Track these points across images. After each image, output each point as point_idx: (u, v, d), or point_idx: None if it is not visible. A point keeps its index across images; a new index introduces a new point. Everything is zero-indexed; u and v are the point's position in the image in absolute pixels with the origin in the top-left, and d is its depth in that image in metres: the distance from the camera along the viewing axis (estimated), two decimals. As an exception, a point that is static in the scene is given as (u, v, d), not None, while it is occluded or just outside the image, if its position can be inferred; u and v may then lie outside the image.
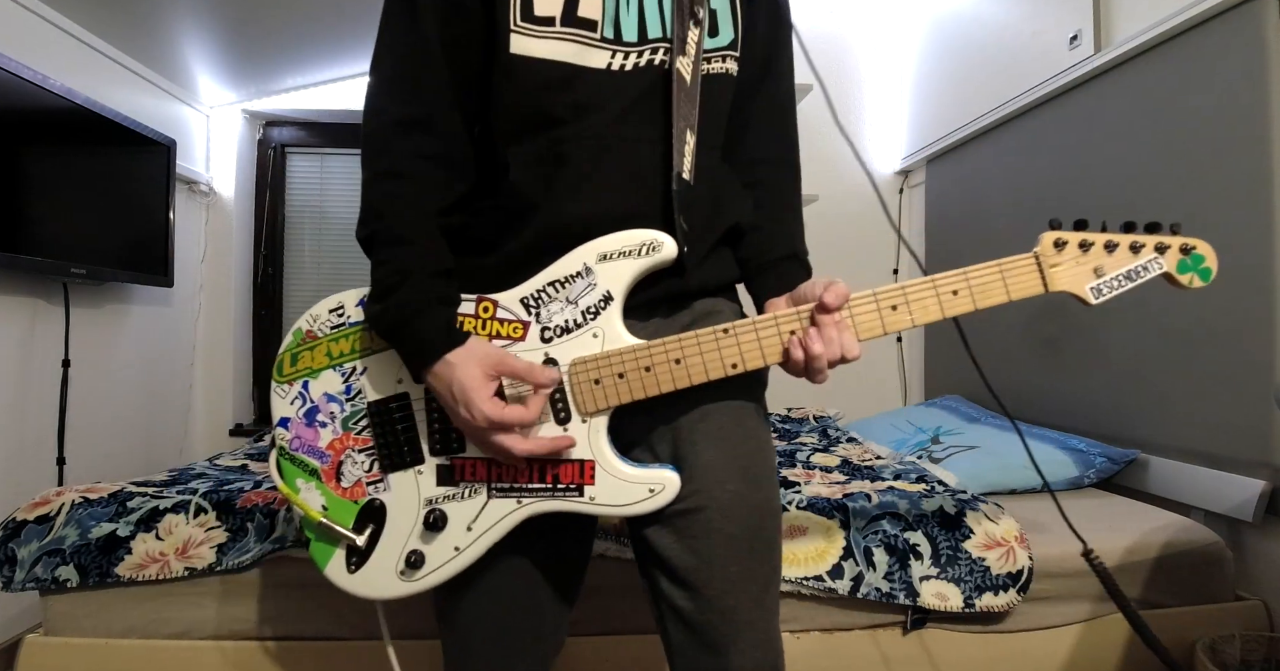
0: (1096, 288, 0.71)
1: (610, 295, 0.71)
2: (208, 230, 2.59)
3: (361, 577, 0.74)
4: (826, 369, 0.69)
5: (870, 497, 1.29)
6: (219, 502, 1.25)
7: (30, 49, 1.70)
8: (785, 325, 0.70)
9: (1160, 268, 0.72)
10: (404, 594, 0.73)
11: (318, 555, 0.75)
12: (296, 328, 0.77)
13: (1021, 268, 0.72)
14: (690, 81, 0.74)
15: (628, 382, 0.70)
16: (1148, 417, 1.57)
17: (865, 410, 2.58)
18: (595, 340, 0.71)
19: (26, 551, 1.18)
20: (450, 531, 0.72)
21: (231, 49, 2.26)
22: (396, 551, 0.73)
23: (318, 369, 0.76)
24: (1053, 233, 0.72)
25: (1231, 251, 1.37)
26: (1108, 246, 0.71)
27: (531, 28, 0.71)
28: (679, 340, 0.70)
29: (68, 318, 1.84)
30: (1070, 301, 0.73)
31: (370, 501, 0.74)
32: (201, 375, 2.56)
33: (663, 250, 0.70)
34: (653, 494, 0.70)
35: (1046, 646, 1.25)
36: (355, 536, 0.73)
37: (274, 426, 0.77)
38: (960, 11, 2.41)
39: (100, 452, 1.99)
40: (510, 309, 0.72)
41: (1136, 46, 1.58)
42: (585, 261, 0.71)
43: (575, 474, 0.71)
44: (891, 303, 0.71)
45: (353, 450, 0.75)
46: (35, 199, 1.68)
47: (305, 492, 0.75)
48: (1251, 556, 1.33)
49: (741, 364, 0.71)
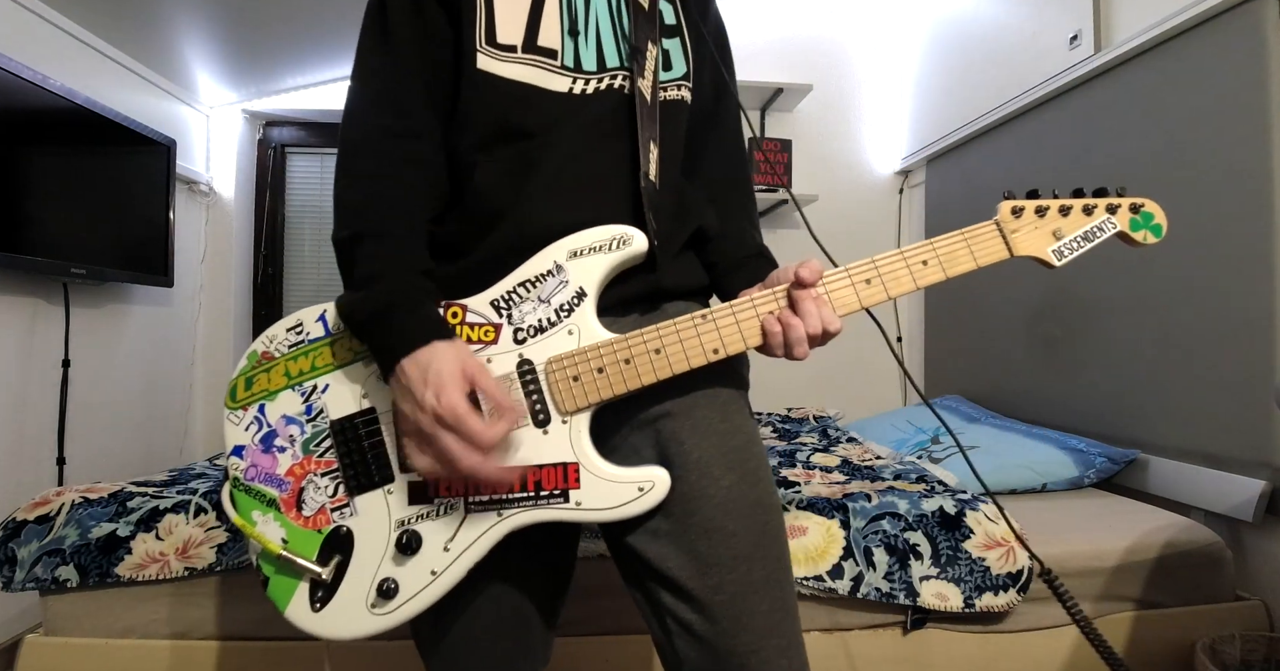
0: (1058, 250, 0.74)
1: (583, 291, 0.69)
2: (208, 230, 2.59)
3: (329, 615, 0.67)
4: (806, 343, 0.68)
5: (870, 497, 1.29)
6: (219, 502, 1.24)
7: (30, 49, 1.70)
8: (763, 306, 0.70)
9: (1114, 227, 0.75)
10: (376, 629, 0.67)
11: (277, 594, 0.68)
12: (251, 350, 0.73)
13: (984, 234, 0.74)
14: (650, 102, 0.76)
15: (608, 377, 0.68)
16: (1148, 417, 1.57)
17: (865, 410, 2.58)
18: (571, 337, 0.69)
19: (26, 551, 1.18)
20: (425, 553, 0.67)
21: (231, 49, 2.26)
22: (366, 581, 0.67)
23: (275, 390, 0.71)
24: (1009, 201, 0.75)
25: (1231, 251, 1.38)
26: (1062, 210, 0.74)
27: (494, 51, 0.73)
28: (657, 330, 0.69)
29: (68, 318, 1.84)
30: (1070, 301, 0.73)
31: (335, 529, 0.68)
32: (201, 375, 2.56)
33: (633, 243, 0.70)
34: (642, 493, 0.67)
35: (1046, 646, 1.25)
36: (319, 568, 0.67)
37: (227, 457, 0.71)
38: (960, 12, 2.41)
39: (100, 452, 1.99)
40: (480, 312, 0.70)
41: (1136, 46, 1.58)
42: (555, 259, 0.70)
43: (559, 478, 0.67)
44: (865, 277, 0.71)
45: (315, 474, 0.70)
46: (35, 199, 1.68)
47: (262, 525, 0.69)
48: (1251, 556, 1.33)
49: (723, 349, 0.69)
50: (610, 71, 0.76)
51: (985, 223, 0.74)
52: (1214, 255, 1.42)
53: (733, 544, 0.69)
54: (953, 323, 2.46)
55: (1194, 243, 1.45)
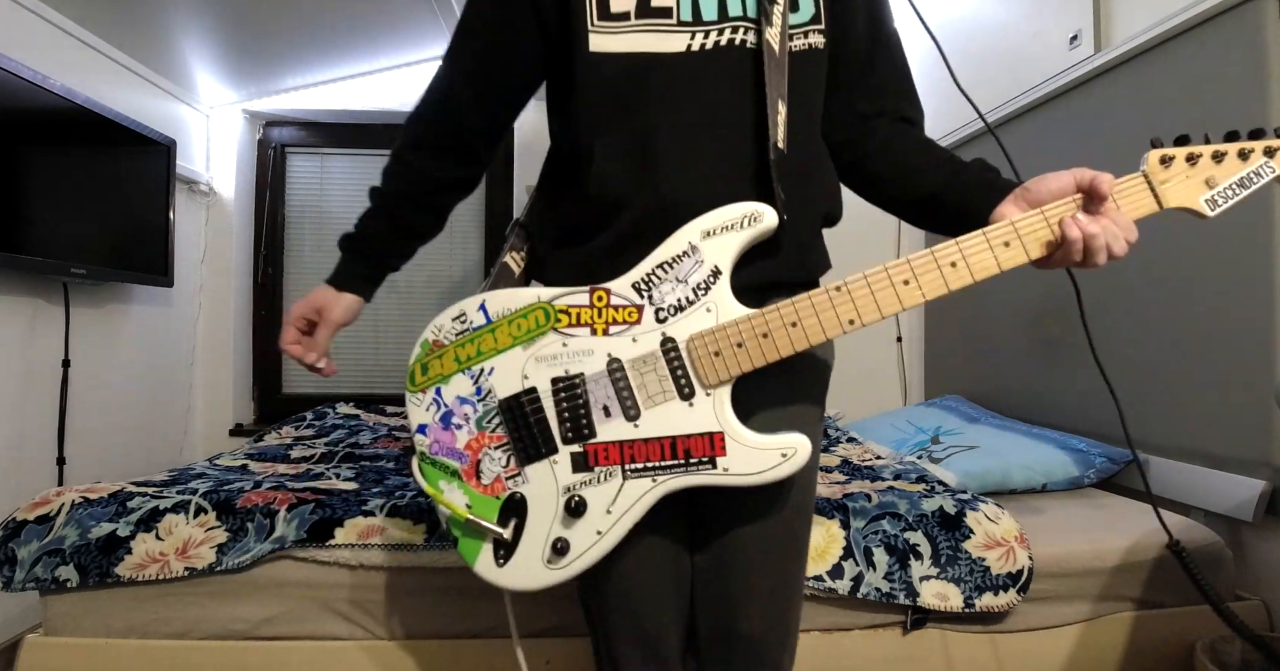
0: (1211, 199, 0.70)
1: (719, 270, 0.73)
2: (208, 230, 2.59)
3: (511, 570, 0.76)
4: (1106, 252, 0.67)
5: (870, 497, 1.29)
6: (219, 502, 1.25)
7: (30, 49, 1.70)
8: (897, 275, 0.71)
9: (1273, 171, 0.70)
10: (554, 581, 0.75)
11: (466, 552, 0.77)
12: (423, 339, 0.80)
13: (1131, 188, 0.71)
14: (779, 53, 0.75)
15: (747, 351, 0.72)
16: (1148, 417, 1.57)
17: (865, 410, 2.58)
18: (709, 314, 0.73)
19: (26, 551, 1.18)
20: (591, 516, 0.74)
21: (231, 49, 2.26)
22: (542, 540, 0.75)
23: (448, 374, 0.79)
24: (1157, 150, 0.70)
25: (1231, 252, 1.38)
26: (1215, 157, 0.70)
27: (608, 25, 0.74)
28: (792, 303, 0.72)
29: (68, 318, 1.84)
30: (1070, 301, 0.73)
31: (511, 495, 0.76)
32: (201, 375, 2.56)
33: (764, 220, 0.72)
34: (785, 458, 0.71)
35: (1046, 646, 1.25)
36: (501, 530, 0.75)
37: (413, 433, 0.80)
38: (960, 12, 2.41)
39: (100, 452, 1.99)
40: (623, 295, 0.75)
41: (1136, 46, 1.58)
42: (690, 240, 0.73)
43: (706, 447, 0.72)
44: (1004, 240, 0.70)
45: (489, 448, 0.77)
46: (35, 199, 1.68)
47: (449, 493, 0.78)
48: (1251, 556, 1.33)
49: (858, 319, 0.71)
50: (732, 22, 0.75)
51: (1131, 175, 0.70)
52: (1214, 255, 1.42)
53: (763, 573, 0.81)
54: (953, 323, 2.46)
55: (1194, 243, 1.45)
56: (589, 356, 0.75)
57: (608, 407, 0.74)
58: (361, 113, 2.66)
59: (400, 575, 1.21)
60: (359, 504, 1.27)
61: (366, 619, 1.22)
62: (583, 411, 0.74)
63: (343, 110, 2.65)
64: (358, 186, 2.78)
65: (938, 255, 0.70)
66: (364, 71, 2.59)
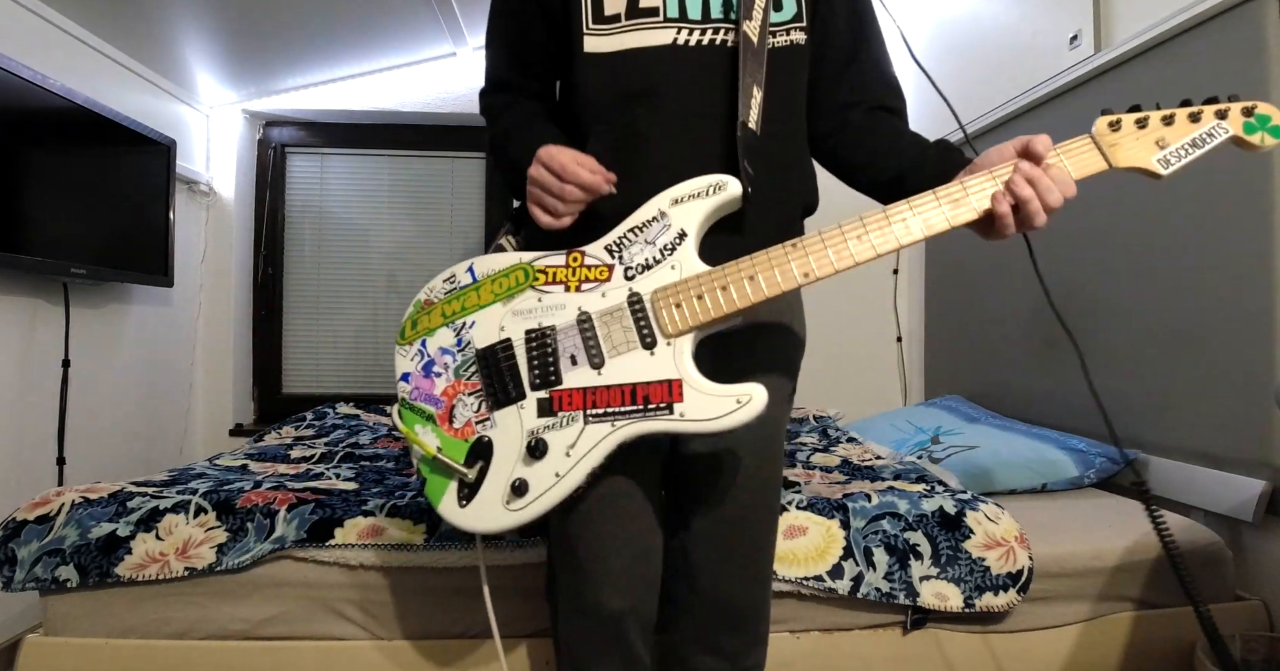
0: (1163, 158, 0.71)
1: (684, 232, 0.79)
2: (208, 230, 2.59)
3: (473, 510, 0.79)
4: (1045, 214, 0.71)
5: (870, 497, 1.29)
6: (219, 502, 1.25)
7: (30, 49, 1.70)
8: (850, 230, 0.75)
9: (1226, 131, 0.71)
10: (512, 524, 0.78)
11: (432, 493, 0.81)
12: (416, 299, 0.88)
13: (1079, 148, 0.73)
14: (758, 45, 0.81)
15: (706, 303, 0.76)
16: (1148, 417, 1.57)
17: (865, 410, 2.58)
18: (674, 271, 0.78)
19: (26, 551, 1.18)
20: (551, 457, 0.78)
21: (231, 49, 2.26)
22: (503, 482, 0.79)
23: (434, 328, 0.86)
24: (1106, 116, 0.72)
25: (1231, 252, 1.38)
26: (1165, 120, 0.71)
27: (602, 28, 0.81)
28: (750, 259, 0.76)
29: (68, 318, 1.84)
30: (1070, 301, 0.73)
31: (479, 438, 0.81)
32: (201, 375, 2.56)
33: (728, 188, 0.77)
34: (740, 405, 0.74)
35: (1046, 646, 1.25)
36: (466, 470, 0.79)
37: (397, 382, 0.86)
38: (960, 12, 2.41)
39: (100, 452, 1.99)
40: (596, 256, 0.81)
41: (1136, 46, 1.58)
42: (660, 207, 0.80)
43: (664, 393, 0.76)
44: (953, 197, 0.75)
45: (464, 394, 0.83)
46: (35, 199, 1.68)
47: (422, 435, 0.83)
48: (1251, 556, 1.33)
49: (812, 272, 0.75)
50: (715, 23, 0.81)
51: (1079, 136, 0.72)
52: (1214, 255, 1.42)
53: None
54: (953, 323, 2.46)
55: (1194, 242, 1.45)
56: (561, 310, 0.81)
57: (574, 356, 0.79)
58: (361, 113, 2.65)
59: (400, 575, 1.21)
60: (359, 504, 1.27)
61: (366, 619, 1.22)
62: (551, 360, 0.79)
63: (343, 110, 2.65)
64: (358, 186, 2.78)
65: (890, 212, 0.75)
66: (364, 71, 2.59)
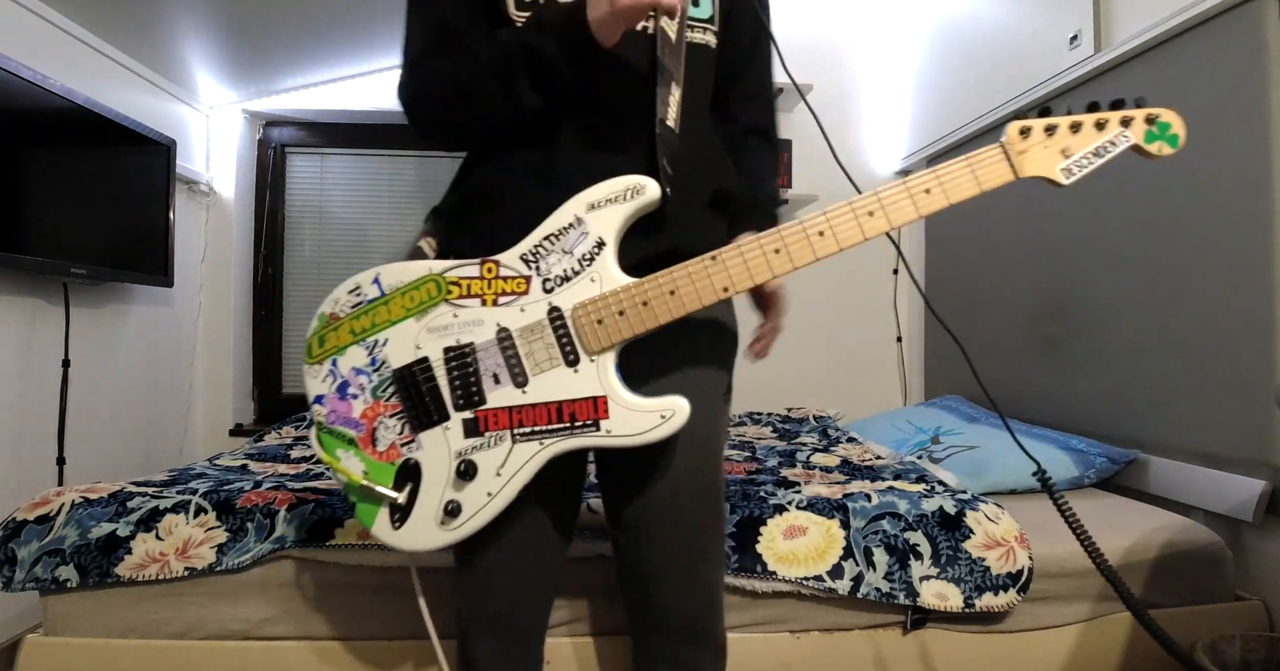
0: (1066, 168, 0.72)
1: (603, 241, 0.76)
2: (208, 230, 2.59)
3: (407, 531, 0.78)
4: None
5: (870, 497, 1.29)
6: (219, 502, 1.25)
7: (30, 49, 1.70)
8: (768, 244, 0.75)
9: (1128, 140, 0.73)
10: (448, 542, 0.78)
11: (363, 516, 0.80)
12: (320, 312, 0.82)
13: (989, 158, 0.74)
14: (675, 40, 0.80)
15: (628, 319, 0.75)
16: (1148, 417, 1.57)
17: (865, 410, 2.58)
18: (593, 284, 0.76)
19: (26, 551, 1.18)
20: (481, 478, 0.77)
21: (231, 49, 2.26)
22: (435, 503, 0.78)
23: (343, 346, 0.82)
24: (1017, 122, 0.73)
25: (1231, 251, 1.38)
26: (1073, 127, 0.73)
27: (524, 14, 0.79)
28: (670, 273, 0.75)
29: (68, 318, 1.84)
30: (1070, 301, 0.73)
31: (405, 461, 0.79)
32: (201, 375, 2.56)
33: (646, 192, 0.75)
34: (664, 419, 0.74)
35: (1046, 646, 1.25)
36: (395, 494, 0.78)
37: (310, 404, 0.82)
38: (960, 12, 2.41)
39: (100, 452, 1.99)
40: (511, 266, 0.78)
41: (1136, 46, 1.58)
42: (575, 213, 0.77)
43: (590, 410, 0.75)
44: (868, 209, 0.74)
45: (384, 416, 0.80)
46: (35, 199, 1.68)
47: (346, 460, 0.80)
48: (1251, 556, 1.33)
49: (732, 287, 0.76)
50: None
51: (991, 146, 0.73)
52: (1214, 255, 1.42)
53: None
54: (953, 323, 2.45)
55: (1194, 243, 1.45)
56: (479, 326, 0.78)
57: (497, 375, 0.77)
58: (361, 113, 2.65)
59: (400, 575, 1.21)
60: (359, 504, 1.27)
61: (366, 619, 1.22)
62: (473, 379, 0.77)
63: (343, 110, 2.65)
64: (358, 186, 2.78)
65: (807, 225, 0.75)
66: (364, 71, 2.59)
